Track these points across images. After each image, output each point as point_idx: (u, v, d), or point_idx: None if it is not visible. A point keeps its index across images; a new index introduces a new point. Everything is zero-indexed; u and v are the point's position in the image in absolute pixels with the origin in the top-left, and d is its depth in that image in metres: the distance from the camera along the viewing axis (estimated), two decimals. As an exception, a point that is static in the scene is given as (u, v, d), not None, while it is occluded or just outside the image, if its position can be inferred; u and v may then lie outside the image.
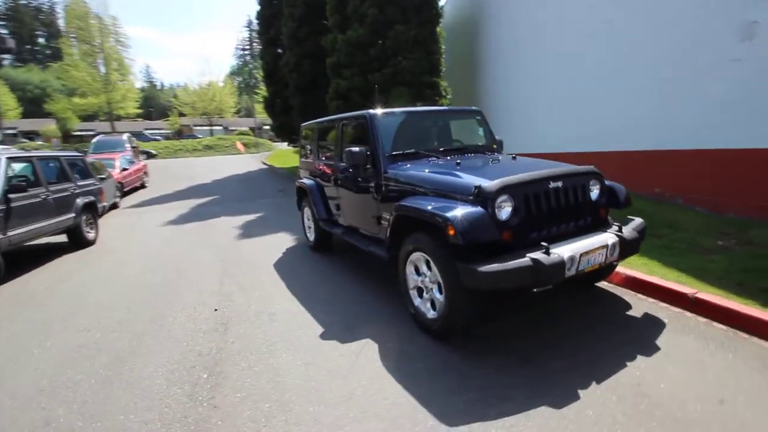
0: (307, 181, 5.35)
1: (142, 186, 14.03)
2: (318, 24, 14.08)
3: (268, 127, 51.35)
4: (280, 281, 4.43)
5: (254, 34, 76.49)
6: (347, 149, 3.72)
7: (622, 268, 3.57)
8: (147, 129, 43.71)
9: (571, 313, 3.21)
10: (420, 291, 3.06)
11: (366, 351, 2.83)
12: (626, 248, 2.84)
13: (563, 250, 2.55)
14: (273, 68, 17.66)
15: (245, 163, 21.93)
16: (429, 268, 2.88)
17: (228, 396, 2.43)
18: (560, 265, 2.45)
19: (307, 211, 5.59)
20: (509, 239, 2.65)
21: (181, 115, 45.03)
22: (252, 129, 46.29)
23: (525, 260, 2.44)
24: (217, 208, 9.98)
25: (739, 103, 4.57)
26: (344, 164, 4.26)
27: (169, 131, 46.27)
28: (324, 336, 3.09)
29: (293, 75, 14.77)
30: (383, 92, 11.16)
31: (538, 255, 2.44)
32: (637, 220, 3.13)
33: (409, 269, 3.10)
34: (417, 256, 2.97)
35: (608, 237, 2.81)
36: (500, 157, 3.56)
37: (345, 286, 4.16)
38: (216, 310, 3.75)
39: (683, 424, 1.94)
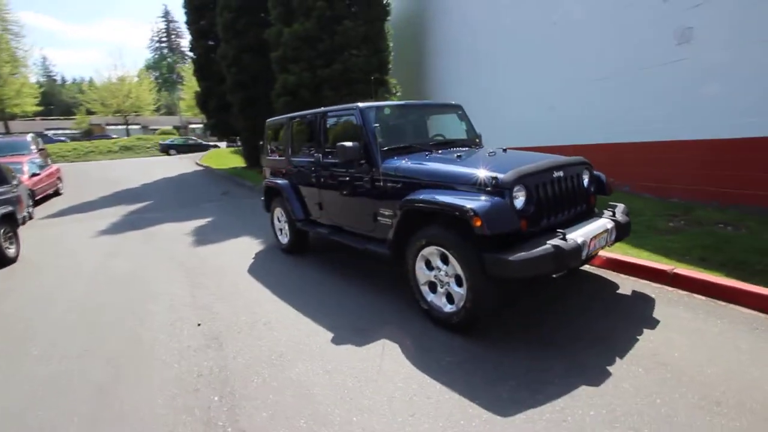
0: (279, 181, 5.04)
1: (57, 193, 12.28)
2: (258, 16, 13.39)
3: (196, 126, 48.05)
4: (263, 287, 4.12)
5: (172, 26, 70.88)
6: (340, 144, 3.55)
7: (601, 252, 3.86)
8: (49, 129, 38.51)
9: (567, 295, 3.38)
10: (432, 286, 3.02)
11: (388, 352, 2.72)
12: (621, 231, 3.06)
13: (576, 236, 2.67)
14: (205, 61, 16.46)
15: (176, 164, 20.26)
16: (444, 261, 2.86)
17: (254, 416, 2.18)
18: (578, 250, 2.56)
19: (278, 212, 5.28)
20: (524, 228, 2.72)
21: (90, 113, 40.23)
22: (177, 128, 42.91)
23: (548, 247, 2.51)
24: (156, 215, 9.06)
25: (676, 99, 5.18)
26: (329, 160, 4.09)
27: (76, 131, 41.15)
28: (336, 341, 2.92)
29: (232, 69, 13.89)
30: (334, 89, 10.94)
31: (557, 242, 2.53)
32: (621, 206, 3.38)
33: (420, 265, 3.04)
34: (430, 251, 2.92)
35: (606, 222, 3.00)
36: (494, 150, 3.64)
37: (336, 287, 3.98)
38: (199, 324, 3.37)
39: (707, 386, 2.13)
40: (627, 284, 3.47)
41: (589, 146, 6.37)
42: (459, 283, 2.78)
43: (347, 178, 3.84)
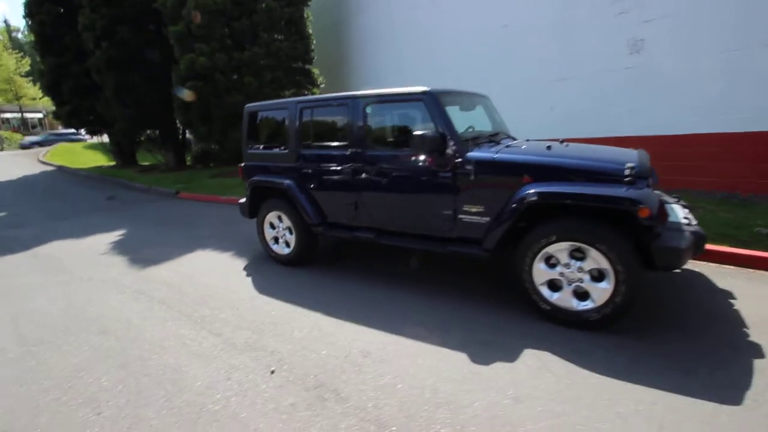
0: (279, 179, 4.12)
1: None
2: (139, -21, 10.94)
3: (11, 116, 37.30)
4: (303, 309, 3.31)
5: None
6: (419, 134, 3.03)
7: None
8: None
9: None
10: (552, 284, 2.82)
11: (552, 364, 2.41)
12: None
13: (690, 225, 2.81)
14: (54, 32, 12.78)
15: (9, 163, 15.40)
16: (576, 257, 2.69)
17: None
18: (704, 236, 2.70)
19: (273, 218, 4.34)
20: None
21: None
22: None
23: (689, 234, 2.57)
24: (26, 232, 6.71)
25: (628, 101, 6.03)
26: (377, 153, 3.50)
27: None
28: (479, 360, 2.47)
29: (102, 44, 11.08)
30: (255, 75, 9.66)
31: (695, 228, 2.61)
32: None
33: (540, 264, 2.81)
34: (559, 247, 2.71)
35: (679, 209, 3.25)
36: (563, 142, 3.57)
37: (395, 296, 3.42)
38: (273, 371, 2.50)
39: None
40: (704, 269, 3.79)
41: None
42: (597, 279, 2.66)
43: (409, 174, 3.34)
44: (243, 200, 4.75)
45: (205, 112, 9.92)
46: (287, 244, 4.34)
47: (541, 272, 2.82)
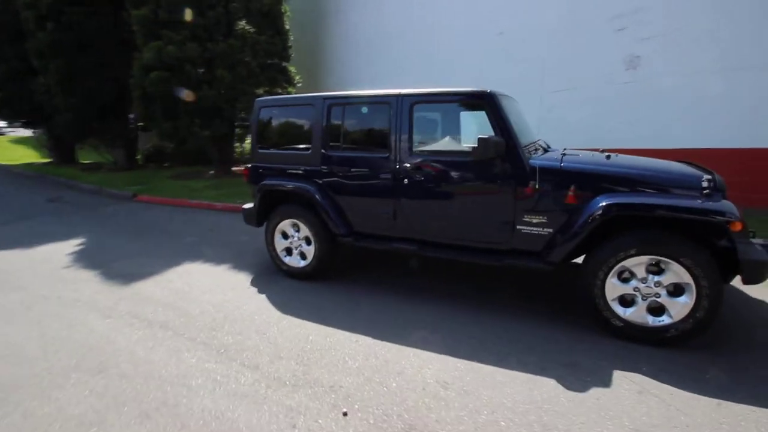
0: (299, 184, 3.67)
1: None
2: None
3: None
4: (353, 334, 2.88)
5: None
6: (484, 138, 2.79)
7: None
8: None
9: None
10: (624, 300, 2.69)
11: (634, 386, 2.25)
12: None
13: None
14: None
15: None
16: (653, 271, 2.58)
17: None
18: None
19: (286, 226, 3.87)
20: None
21: None
22: None
23: (761, 247, 2.55)
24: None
25: (627, 113, 6.24)
26: (425, 158, 3.20)
27: None
28: (568, 386, 2.25)
29: (47, 26, 9.74)
30: (229, 69, 8.94)
31: (759, 241, 2.60)
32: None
33: (614, 279, 2.67)
34: (637, 261, 2.57)
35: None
36: (602, 153, 3.49)
37: (456, 315, 3.10)
38: (345, 413, 2.10)
39: None
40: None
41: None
42: (673, 294, 2.56)
43: (463, 181, 3.08)
44: (248, 206, 4.23)
45: (171, 107, 8.99)
46: (303, 256, 3.89)
47: (614, 287, 2.68)
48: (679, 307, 2.54)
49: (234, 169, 11.44)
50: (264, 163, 4.01)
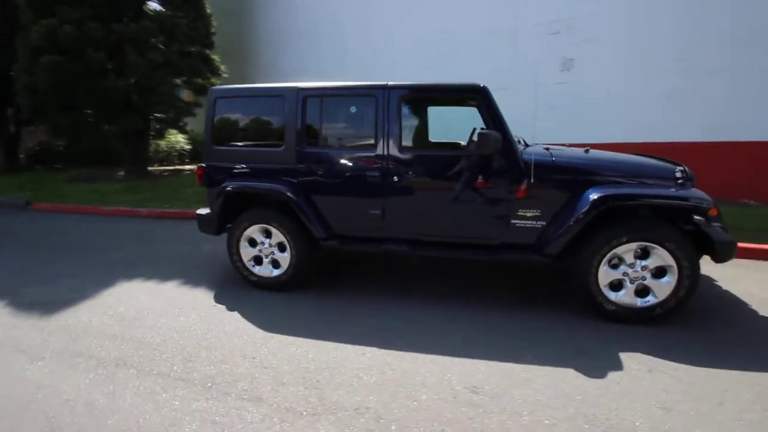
0: (277, 186, 3.27)
1: None
2: None
3: None
4: (357, 347, 2.64)
5: None
6: (486, 132, 2.73)
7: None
8: None
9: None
10: (614, 285, 2.86)
11: (643, 366, 2.38)
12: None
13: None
14: None
15: None
16: (638, 257, 2.77)
17: None
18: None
19: (254, 233, 3.45)
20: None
21: None
22: None
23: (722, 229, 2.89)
24: None
25: (563, 111, 6.72)
26: (417, 153, 3.06)
27: None
28: (589, 374, 2.29)
29: None
30: (143, 55, 7.83)
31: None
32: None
33: (605, 266, 2.81)
34: (627, 248, 2.73)
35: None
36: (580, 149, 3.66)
37: (456, 315, 3.01)
38: (383, 437, 1.89)
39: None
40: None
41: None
42: (656, 276, 2.78)
43: (458, 177, 3.00)
44: (203, 211, 3.70)
45: (68, 99, 7.59)
46: (275, 264, 3.50)
47: (606, 274, 2.82)
48: (663, 288, 2.76)
49: (151, 169, 10.11)
50: (222, 162, 3.52)
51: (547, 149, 3.18)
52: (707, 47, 5.79)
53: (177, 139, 11.58)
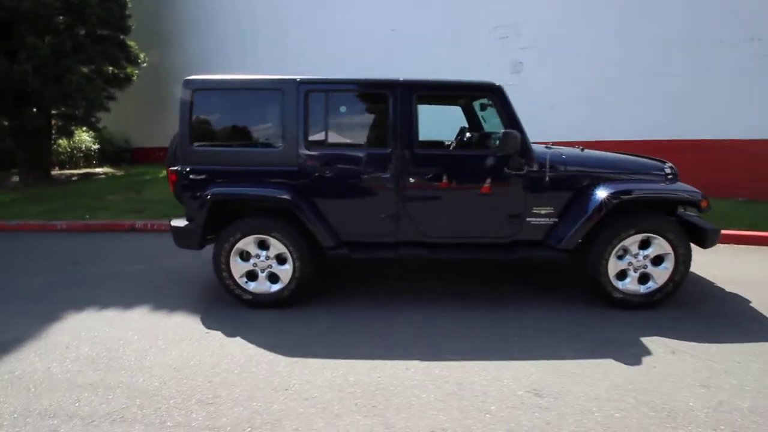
0: (277, 191, 2.89)
1: None
2: None
3: None
4: (397, 361, 2.45)
5: None
6: (510, 132, 2.72)
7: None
8: None
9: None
10: (621, 274, 3.05)
11: (665, 349, 2.58)
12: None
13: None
14: None
15: None
16: (643, 247, 2.99)
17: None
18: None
19: (248, 244, 3.02)
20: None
21: None
22: None
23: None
24: None
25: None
26: (431, 152, 2.96)
27: None
28: (626, 362, 2.40)
29: None
30: (41, 36, 6.53)
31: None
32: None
33: (614, 257, 2.99)
34: (634, 239, 2.93)
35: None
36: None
37: (481, 317, 2.96)
38: (476, 458, 1.75)
39: None
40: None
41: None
42: (655, 263, 3.03)
43: (477, 176, 2.95)
44: (179, 222, 3.16)
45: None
46: (273, 279, 3.13)
47: (615, 264, 3.01)
48: (662, 274, 3.03)
49: (55, 173, 8.48)
50: (203, 165, 3.03)
51: (549, 148, 3.30)
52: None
53: (82, 138, 9.90)
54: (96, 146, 10.24)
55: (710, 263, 4.02)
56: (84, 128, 8.83)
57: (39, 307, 3.28)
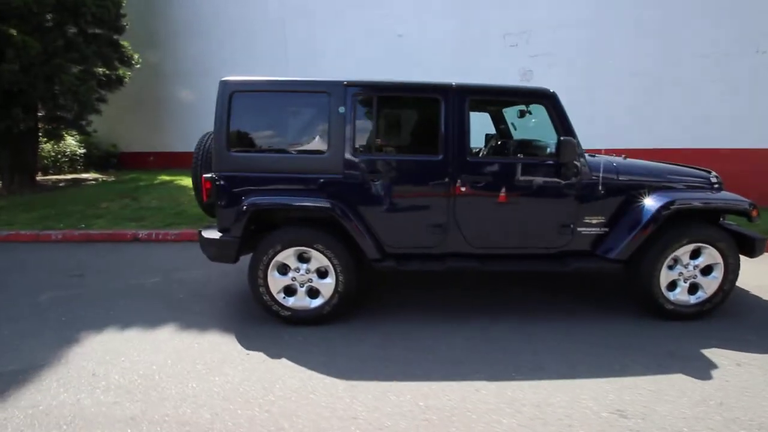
0: (327, 201, 2.71)
1: None
2: None
3: None
4: (469, 383, 2.31)
5: None
6: (567, 140, 2.64)
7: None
8: None
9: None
10: (672, 285, 3.00)
11: (729, 361, 2.52)
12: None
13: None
14: None
15: None
16: (693, 257, 2.95)
17: None
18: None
19: (290, 259, 2.83)
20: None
21: None
22: None
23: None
24: None
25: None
26: (484, 160, 2.84)
27: None
28: (697, 375, 2.32)
29: None
30: (30, 34, 6.14)
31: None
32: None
33: (665, 268, 2.93)
34: (685, 249, 2.88)
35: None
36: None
37: (544, 332, 2.85)
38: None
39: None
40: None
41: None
42: (705, 273, 3.00)
43: (529, 185, 2.85)
44: (212, 234, 2.93)
45: None
46: (313, 294, 2.94)
47: (667, 275, 2.96)
48: (711, 284, 2.99)
49: (40, 179, 7.98)
50: (242, 173, 2.82)
51: (593, 156, 3.24)
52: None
53: (68, 142, 9.38)
54: (82, 150, 9.72)
55: (747, 272, 4.05)
56: (74, 132, 8.36)
57: (49, 328, 2.99)
